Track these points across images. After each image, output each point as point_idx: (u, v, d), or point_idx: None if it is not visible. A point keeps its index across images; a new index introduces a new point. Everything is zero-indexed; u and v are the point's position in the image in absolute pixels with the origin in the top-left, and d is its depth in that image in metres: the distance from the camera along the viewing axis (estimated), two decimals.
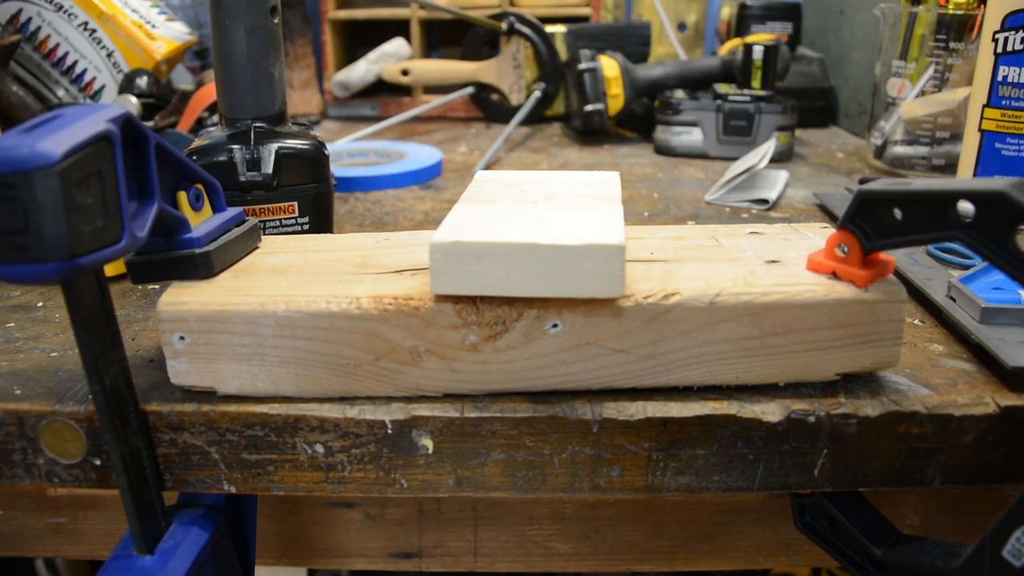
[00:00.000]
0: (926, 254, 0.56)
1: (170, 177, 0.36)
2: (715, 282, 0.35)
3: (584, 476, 0.36)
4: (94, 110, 0.29)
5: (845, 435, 0.35)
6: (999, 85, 0.59)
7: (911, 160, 0.79)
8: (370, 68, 1.13)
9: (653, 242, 0.40)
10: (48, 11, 0.85)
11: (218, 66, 0.50)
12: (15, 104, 0.76)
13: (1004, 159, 0.60)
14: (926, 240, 0.33)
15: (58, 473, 0.36)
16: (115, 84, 0.87)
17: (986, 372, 0.38)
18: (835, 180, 0.79)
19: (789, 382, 0.36)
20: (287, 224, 0.51)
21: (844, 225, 0.35)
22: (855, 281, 0.35)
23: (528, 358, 0.35)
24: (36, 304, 0.47)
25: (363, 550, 0.52)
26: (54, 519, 0.50)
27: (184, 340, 0.34)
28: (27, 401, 0.36)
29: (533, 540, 0.51)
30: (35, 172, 0.25)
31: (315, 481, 0.36)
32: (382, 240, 0.42)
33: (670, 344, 0.35)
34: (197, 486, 0.36)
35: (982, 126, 0.60)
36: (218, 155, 0.48)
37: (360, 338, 0.34)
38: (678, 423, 0.35)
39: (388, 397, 0.36)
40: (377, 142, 0.93)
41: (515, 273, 0.33)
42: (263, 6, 0.49)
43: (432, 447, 0.35)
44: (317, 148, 0.51)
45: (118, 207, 0.29)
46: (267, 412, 0.35)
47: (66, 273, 0.27)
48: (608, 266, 0.32)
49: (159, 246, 0.36)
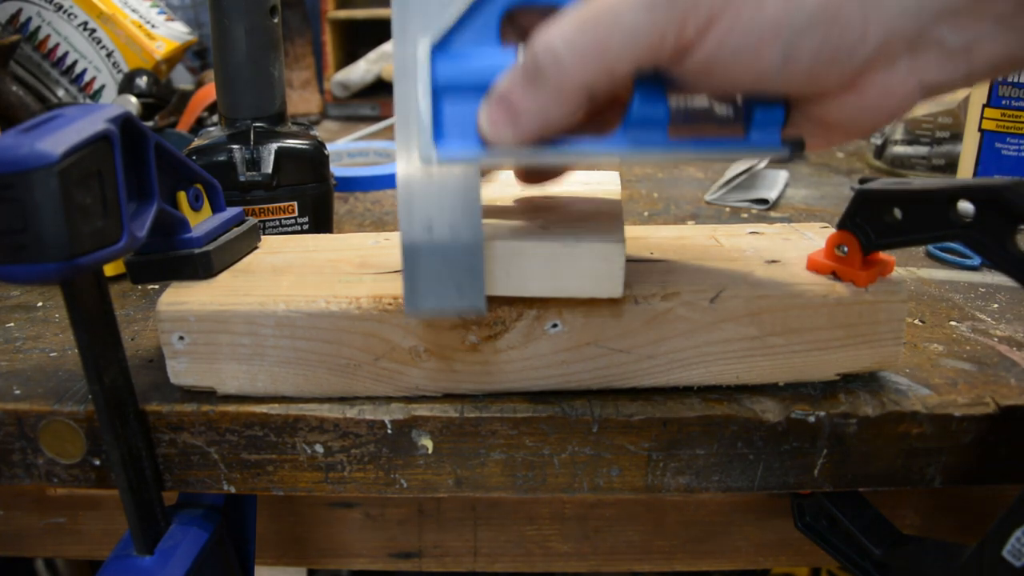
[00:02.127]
0: (926, 254, 0.56)
1: (170, 177, 0.36)
2: (715, 282, 0.35)
3: (584, 476, 0.36)
4: (93, 110, 0.29)
5: (845, 435, 0.35)
6: (999, 85, 0.59)
7: (911, 160, 0.79)
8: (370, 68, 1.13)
9: (653, 242, 0.40)
10: (48, 11, 0.85)
11: (218, 66, 0.50)
12: (15, 104, 0.76)
13: (1004, 159, 0.60)
14: (926, 240, 0.33)
15: (58, 473, 0.36)
16: (115, 84, 0.87)
17: (986, 372, 0.38)
18: (835, 180, 0.79)
19: (789, 382, 0.36)
20: (287, 224, 0.51)
21: (844, 225, 0.35)
22: (855, 281, 0.34)
23: (528, 358, 0.35)
24: (36, 304, 0.47)
25: (363, 550, 0.52)
26: (54, 519, 0.50)
27: (184, 340, 0.34)
28: (27, 401, 0.36)
29: (533, 540, 0.51)
30: (34, 172, 0.25)
31: (315, 481, 0.36)
32: (382, 240, 0.42)
33: (670, 344, 0.35)
34: (197, 486, 0.36)
35: (982, 126, 0.60)
36: (218, 155, 0.48)
37: (360, 338, 0.34)
38: (678, 423, 0.35)
39: (388, 397, 0.36)
40: (377, 142, 0.93)
41: (514, 273, 0.33)
42: (263, 6, 0.49)
43: (432, 447, 0.35)
44: (317, 148, 0.51)
45: (117, 207, 0.29)
46: (267, 412, 0.35)
47: (65, 273, 0.27)
48: (608, 266, 0.32)
49: (159, 246, 0.36)
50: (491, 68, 0.28)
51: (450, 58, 0.29)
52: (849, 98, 0.28)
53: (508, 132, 0.28)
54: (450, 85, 0.29)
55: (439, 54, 0.28)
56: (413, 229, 0.30)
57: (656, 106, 0.29)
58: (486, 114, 0.28)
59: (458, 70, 0.29)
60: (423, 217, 0.30)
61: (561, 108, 0.27)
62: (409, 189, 0.30)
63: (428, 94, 0.28)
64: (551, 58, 0.26)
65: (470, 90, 0.29)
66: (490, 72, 0.28)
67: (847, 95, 0.28)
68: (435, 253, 0.30)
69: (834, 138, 0.30)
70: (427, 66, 0.28)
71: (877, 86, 0.27)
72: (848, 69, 0.26)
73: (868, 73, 0.27)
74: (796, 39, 0.26)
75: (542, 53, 0.26)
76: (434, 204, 0.30)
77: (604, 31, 0.25)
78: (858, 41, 0.26)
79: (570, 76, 0.26)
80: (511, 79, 0.27)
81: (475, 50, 0.29)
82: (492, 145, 0.29)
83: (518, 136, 0.28)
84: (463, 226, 0.30)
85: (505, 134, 0.28)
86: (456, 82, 0.29)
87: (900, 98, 0.27)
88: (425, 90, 0.28)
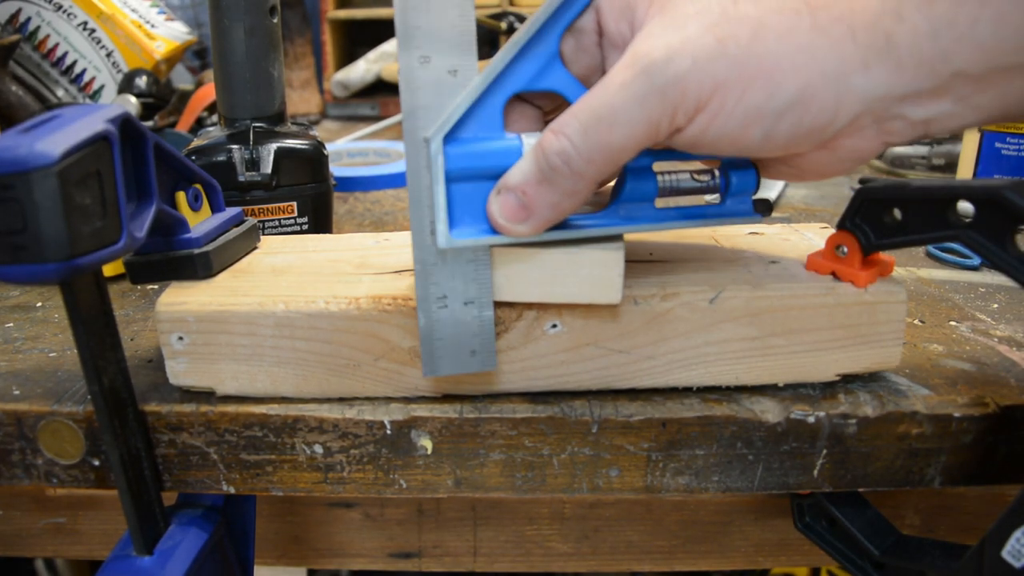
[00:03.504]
0: (926, 254, 0.56)
1: (169, 177, 0.36)
2: (715, 283, 0.35)
3: (583, 476, 0.36)
4: (93, 110, 0.29)
5: (845, 435, 0.35)
6: None
7: (911, 160, 0.79)
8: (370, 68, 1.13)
9: (653, 242, 0.40)
10: (48, 11, 0.85)
11: (217, 66, 0.50)
12: (14, 104, 0.76)
13: (1004, 159, 0.60)
14: (926, 240, 0.33)
15: (57, 473, 0.36)
16: (114, 84, 0.87)
17: (986, 372, 0.38)
18: (835, 180, 0.79)
19: (789, 383, 0.36)
20: (286, 224, 0.51)
21: (844, 225, 0.35)
22: (855, 281, 0.34)
23: (527, 358, 0.35)
24: (35, 304, 0.47)
25: (363, 550, 0.52)
26: (53, 519, 0.50)
27: (183, 340, 0.34)
28: (26, 401, 0.36)
29: (533, 540, 0.51)
30: (33, 172, 0.25)
31: (314, 481, 0.36)
32: (381, 240, 0.42)
33: (669, 345, 0.35)
34: (196, 486, 0.36)
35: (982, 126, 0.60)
36: (217, 155, 0.48)
37: (359, 338, 0.34)
38: (677, 423, 0.35)
39: (387, 397, 0.36)
40: (377, 142, 0.93)
41: (515, 279, 0.33)
42: (262, 6, 0.49)
43: (431, 447, 0.35)
44: (316, 148, 0.51)
45: (117, 207, 0.29)
46: (266, 412, 0.35)
47: (65, 273, 0.27)
48: (608, 272, 0.32)
49: (158, 246, 0.36)
50: (497, 155, 0.31)
51: (459, 147, 0.31)
52: (821, 154, 0.31)
53: (523, 226, 0.31)
54: (460, 174, 0.31)
55: (449, 144, 0.30)
56: (429, 303, 0.32)
57: (646, 184, 0.33)
58: (499, 207, 0.31)
59: (467, 159, 0.31)
60: (438, 292, 0.32)
61: (573, 201, 0.30)
62: (424, 267, 0.31)
63: (443, 187, 0.30)
64: (561, 160, 0.29)
65: (479, 177, 0.31)
66: (496, 159, 0.31)
67: (819, 152, 0.31)
68: (450, 324, 0.32)
69: (806, 178, 0.34)
70: (440, 161, 0.30)
71: (846, 148, 0.30)
72: (821, 139, 0.30)
73: (839, 139, 0.30)
74: (775, 122, 0.29)
75: (553, 156, 0.29)
76: (447, 280, 0.32)
77: (605, 130, 0.28)
78: (830, 120, 0.29)
79: (580, 175, 0.29)
80: (524, 177, 0.30)
81: (482, 138, 0.31)
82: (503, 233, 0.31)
83: (532, 228, 0.31)
84: (475, 297, 0.32)
85: (519, 227, 0.31)
86: (466, 170, 0.31)
87: (867, 152, 0.31)
88: (440, 183, 0.30)
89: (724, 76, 0.28)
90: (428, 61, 0.30)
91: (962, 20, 0.26)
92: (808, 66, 0.28)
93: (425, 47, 0.29)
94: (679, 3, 0.29)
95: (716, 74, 0.28)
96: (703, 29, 0.28)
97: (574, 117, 0.29)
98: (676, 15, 0.29)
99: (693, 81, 0.28)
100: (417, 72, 0.30)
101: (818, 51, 0.28)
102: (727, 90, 0.28)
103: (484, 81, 0.30)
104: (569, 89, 0.31)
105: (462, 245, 0.31)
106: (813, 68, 0.28)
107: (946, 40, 0.27)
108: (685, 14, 0.29)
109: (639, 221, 0.33)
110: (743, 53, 0.28)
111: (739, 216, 0.35)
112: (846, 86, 0.28)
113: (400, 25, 0.29)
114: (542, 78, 0.31)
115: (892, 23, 0.27)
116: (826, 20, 0.28)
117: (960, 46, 0.27)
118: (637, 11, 0.30)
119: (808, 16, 0.28)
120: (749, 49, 0.28)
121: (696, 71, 0.28)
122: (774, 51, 0.28)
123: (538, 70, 0.31)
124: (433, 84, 0.30)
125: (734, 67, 0.28)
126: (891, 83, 0.28)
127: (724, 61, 0.28)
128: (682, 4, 0.29)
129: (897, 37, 0.27)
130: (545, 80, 0.31)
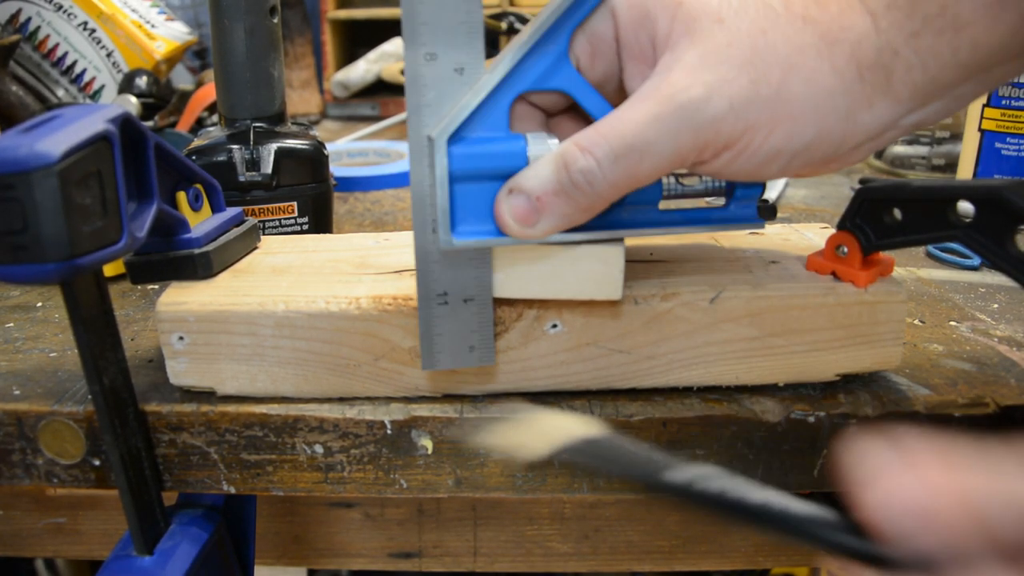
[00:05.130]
0: (926, 254, 0.56)
1: (169, 177, 0.36)
2: (715, 283, 0.35)
3: (583, 476, 0.36)
4: (93, 110, 0.29)
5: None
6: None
7: (911, 160, 0.79)
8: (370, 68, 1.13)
9: (653, 242, 0.40)
10: (48, 11, 0.85)
11: (218, 66, 0.50)
12: (15, 104, 0.76)
13: (1004, 159, 0.60)
14: (926, 240, 0.33)
15: (57, 473, 0.36)
16: (115, 84, 0.87)
17: (986, 372, 0.38)
18: (835, 180, 0.79)
19: (789, 382, 0.36)
20: (286, 224, 0.51)
21: (844, 225, 0.35)
22: (855, 281, 0.34)
23: (527, 358, 0.35)
24: (35, 304, 0.47)
25: (363, 550, 0.52)
26: (53, 519, 0.50)
27: (183, 340, 0.34)
28: (26, 401, 0.36)
29: (533, 540, 0.51)
30: (34, 172, 0.25)
31: (314, 481, 0.36)
32: (382, 240, 0.42)
33: (670, 345, 0.35)
34: (196, 486, 0.36)
35: (982, 126, 0.60)
36: (217, 155, 0.48)
37: (359, 338, 0.34)
38: (678, 423, 0.35)
39: (387, 397, 0.36)
40: (377, 142, 0.93)
41: (515, 275, 0.33)
42: (263, 6, 0.49)
43: (431, 447, 0.35)
44: (316, 148, 0.51)
45: (117, 207, 0.29)
46: (266, 412, 0.35)
47: (65, 273, 0.27)
48: (608, 268, 0.32)
49: (158, 246, 0.36)
50: (503, 157, 0.30)
51: (464, 147, 0.30)
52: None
53: (530, 230, 0.31)
54: (464, 174, 0.30)
55: (454, 144, 0.30)
56: (429, 300, 0.32)
57: (651, 187, 0.33)
58: (510, 208, 0.30)
59: (472, 160, 0.30)
60: (438, 289, 0.32)
61: (586, 215, 0.31)
62: (425, 264, 0.31)
63: (446, 187, 0.30)
64: (585, 179, 0.29)
65: (483, 178, 0.31)
66: (501, 161, 0.30)
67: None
68: (450, 319, 0.32)
69: (806, 177, 0.36)
70: (444, 161, 0.30)
71: (847, 159, 0.32)
72: (824, 167, 0.32)
73: (842, 156, 0.31)
74: (790, 160, 0.30)
75: (577, 174, 0.29)
76: (448, 276, 0.32)
77: (636, 159, 0.29)
78: (835, 153, 0.30)
79: (600, 195, 0.30)
80: (542, 184, 0.30)
81: (487, 139, 0.30)
82: (510, 235, 0.31)
83: (539, 233, 0.31)
84: (475, 294, 0.32)
85: (527, 231, 0.31)
86: (470, 171, 0.30)
87: (864, 155, 0.32)
88: (443, 183, 0.30)
89: (755, 119, 0.29)
90: (434, 58, 0.29)
91: (944, 50, 0.28)
92: (825, 108, 0.29)
93: (431, 44, 0.29)
94: (708, 27, 0.29)
95: (748, 117, 0.29)
96: (737, 69, 0.28)
97: (604, 139, 0.29)
98: (709, 47, 0.29)
99: (727, 123, 0.29)
100: (423, 69, 0.29)
101: (835, 94, 0.29)
102: (755, 132, 0.29)
103: (491, 80, 0.30)
104: (578, 89, 0.31)
105: (464, 247, 0.31)
106: (830, 110, 0.29)
107: (934, 69, 0.28)
108: (717, 46, 0.29)
109: (643, 224, 0.34)
110: (773, 96, 0.29)
111: (743, 221, 0.35)
112: (854, 124, 0.29)
113: (406, 21, 0.29)
114: (550, 77, 0.31)
115: (889, 59, 0.28)
116: (842, 61, 0.28)
117: (945, 71, 0.28)
118: (658, 24, 0.30)
119: (828, 59, 0.28)
120: (778, 93, 0.29)
121: (731, 114, 0.28)
122: (799, 95, 0.29)
123: (546, 69, 0.31)
124: (439, 82, 0.30)
125: (764, 110, 0.29)
126: (890, 114, 0.29)
127: (756, 104, 0.29)
128: (711, 29, 0.29)
129: (895, 74, 0.29)
130: (553, 79, 0.31)
